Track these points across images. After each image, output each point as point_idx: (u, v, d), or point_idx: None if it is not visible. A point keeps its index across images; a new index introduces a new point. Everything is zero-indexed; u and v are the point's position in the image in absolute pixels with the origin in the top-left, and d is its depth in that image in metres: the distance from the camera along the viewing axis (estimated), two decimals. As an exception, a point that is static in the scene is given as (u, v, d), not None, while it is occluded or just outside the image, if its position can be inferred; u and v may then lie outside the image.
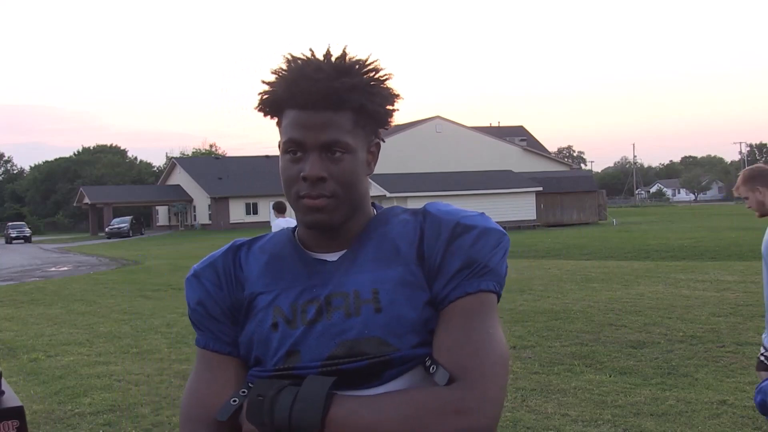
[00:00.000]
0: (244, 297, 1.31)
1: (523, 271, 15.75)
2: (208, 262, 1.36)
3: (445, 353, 1.20)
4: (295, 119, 1.25)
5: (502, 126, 75.94)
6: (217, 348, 1.32)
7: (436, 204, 1.35)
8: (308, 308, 1.26)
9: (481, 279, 1.25)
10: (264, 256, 1.34)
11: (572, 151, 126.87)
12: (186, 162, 66.79)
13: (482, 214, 1.33)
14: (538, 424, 5.13)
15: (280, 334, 1.25)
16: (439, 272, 1.25)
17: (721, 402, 5.42)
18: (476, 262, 1.25)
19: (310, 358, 1.23)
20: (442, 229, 1.28)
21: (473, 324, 1.22)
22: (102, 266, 25.62)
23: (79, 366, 7.85)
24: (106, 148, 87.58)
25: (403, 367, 1.22)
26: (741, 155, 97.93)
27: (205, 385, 1.30)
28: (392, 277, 1.26)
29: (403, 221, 1.33)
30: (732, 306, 9.57)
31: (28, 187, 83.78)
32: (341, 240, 1.32)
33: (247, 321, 1.30)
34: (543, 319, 9.28)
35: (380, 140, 1.36)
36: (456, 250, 1.26)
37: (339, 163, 1.25)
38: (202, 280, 1.34)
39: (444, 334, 1.22)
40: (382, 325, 1.22)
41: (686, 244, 20.93)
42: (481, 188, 40.35)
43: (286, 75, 1.27)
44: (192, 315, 1.36)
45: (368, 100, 1.26)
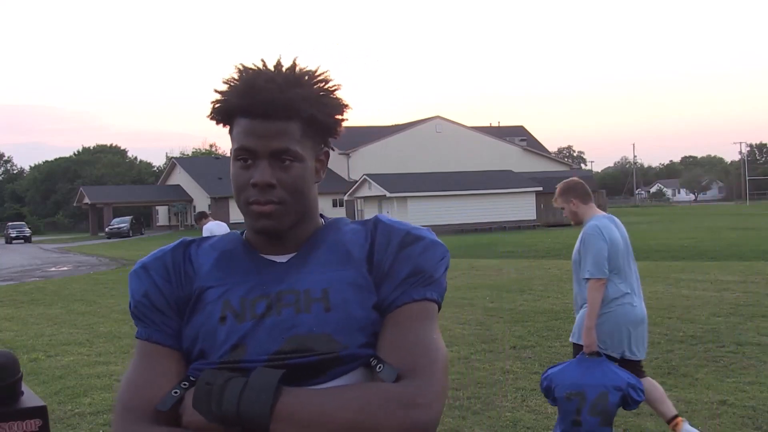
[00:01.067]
0: (192, 290, 1.32)
1: (523, 271, 15.76)
2: (157, 256, 1.38)
3: (393, 352, 1.24)
4: (246, 128, 1.29)
5: (502, 126, 75.92)
6: (160, 340, 1.32)
7: (385, 216, 1.41)
8: (258, 303, 1.28)
9: (426, 288, 1.31)
10: (215, 252, 1.36)
11: (572, 151, 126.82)
12: (186, 162, 66.78)
13: (429, 229, 1.39)
14: (538, 424, 5.13)
15: (228, 328, 1.26)
16: (387, 278, 1.31)
17: (721, 402, 5.42)
18: (423, 271, 1.32)
19: (257, 351, 1.24)
20: (392, 237, 1.34)
21: (420, 327, 1.27)
22: (102, 266, 25.63)
23: (79, 366, 7.85)
24: (106, 148, 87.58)
25: (349, 365, 1.25)
26: (741, 155, 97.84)
27: (146, 377, 1.29)
28: (343, 278, 1.30)
29: (353, 230, 1.38)
30: (732, 306, 9.57)
31: (28, 187, 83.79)
32: (290, 244, 1.35)
33: (194, 314, 1.31)
34: (543, 319, 9.28)
35: (329, 149, 1.40)
36: (405, 258, 1.32)
37: (288, 171, 1.29)
38: (150, 272, 1.35)
39: (392, 335, 1.26)
40: (332, 323, 1.25)
41: (686, 244, 20.93)
42: (481, 188, 40.34)
43: (238, 85, 1.30)
44: (136, 307, 1.35)
45: (318, 111, 1.30)
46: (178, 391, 1.25)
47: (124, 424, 1.26)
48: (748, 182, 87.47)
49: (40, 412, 1.21)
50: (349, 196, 44.98)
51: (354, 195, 44.18)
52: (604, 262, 4.27)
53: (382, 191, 39.45)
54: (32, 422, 1.20)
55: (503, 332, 8.54)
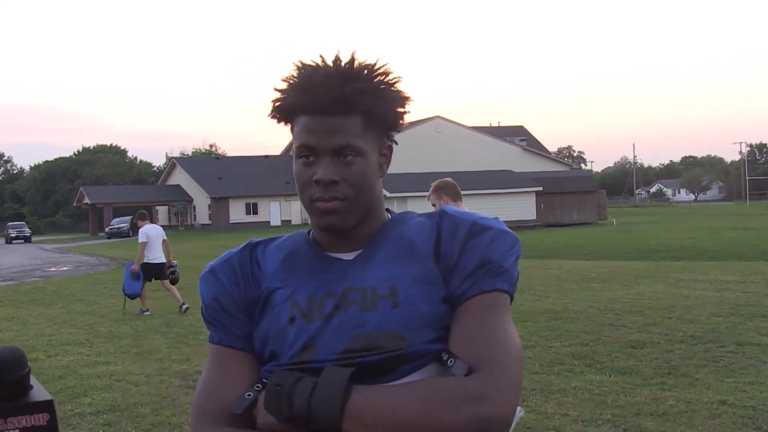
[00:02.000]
0: (260, 292, 1.33)
1: (523, 271, 15.71)
2: (224, 259, 1.38)
3: (463, 346, 1.22)
4: (306, 125, 1.28)
5: (502, 126, 75.96)
6: (231, 343, 1.33)
7: (451, 208, 1.39)
8: (325, 302, 1.28)
9: (496, 278, 1.28)
10: (281, 253, 1.36)
11: (572, 151, 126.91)
12: (186, 162, 66.80)
13: (497, 219, 1.36)
14: (538, 424, 5.13)
15: (297, 328, 1.27)
16: (455, 270, 1.28)
17: (721, 402, 5.42)
18: (492, 261, 1.29)
19: (327, 351, 1.24)
20: (458, 229, 1.31)
21: (490, 319, 1.25)
22: (102, 266, 25.63)
23: (79, 366, 7.85)
24: (106, 148, 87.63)
25: (418, 361, 1.23)
26: (741, 155, 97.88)
27: (220, 380, 1.30)
28: (409, 273, 1.28)
29: (419, 223, 1.36)
30: (732, 306, 9.57)
31: (28, 187, 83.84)
32: (356, 241, 1.34)
33: (263, 316, 1.31)
34: (543, 319, 9.28)
35: (392, 143, 1.39)
36: (472, 249, 1.29)
37: (350, 167, 1.28)
38: (218, 276, 1.36)
39: (462, 329, 1.24)
40: (399, 320, 1.24)
41: (686, 244, 20.93)
42: (481, 188, 40.34)
43: (297, 82, 1.30)
44: (206, 311, 1.37)
45: (377, 104, 1.29)
46: (252, 394, 1.25)
47: (199, 426, 1.27)
48: (748, 182, 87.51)
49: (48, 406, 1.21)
50: (349, 196, 44.98)
51: (354, 195, 44.19)
52: None
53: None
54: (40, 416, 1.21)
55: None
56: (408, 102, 1.34)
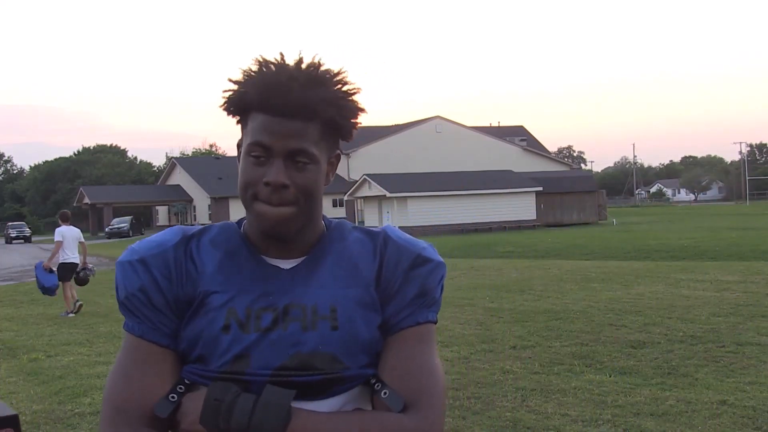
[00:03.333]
0: (196, 293, 1.27)
1: (523, 271, 15.76)
2: (158, 251, 1.30)
3: (397, 379, 1.26)
4: (264, 124, 1.25)
5: (502, 126, 75.92)
6: (155, 339, 1.27)
7: (394, 230, 1.39)
8: (263, 315, 1.25)
9: (429, 310, 1.33)
10: (217, 252, 1.31)
11: (572, 151, 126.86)
12: (186, 162, 66.78)
13: (432, 246, 1.40)
14: (538, 424, 5.13)
15: (232, 337, 1.24)
16: (394, 298, 1.31)
17: (721, 402, 5.42)
18: (427, 293, 1.33)
19: (260, 365, 1.23)
20: (402, 258, 1.33)
21: (423, 352, 1.30)
22: (102, 266, 25.63)
23: (79, 366, 7.85)
24: (106, 148, 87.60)
25: (349, 384, 1.26)
26: (741, 155, 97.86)
27: (139, 377, 1.25)
28: (351, 296, 1.29)
29: (359, 240, 1.36)
30: (732, 306, 9.57)
31: (28, 187, 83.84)
32: (295, 248, 1.32)
33: (195, 317, 1.26)
34: (543, 319, 9.28)
35: (340, 152, 1.37)
36: (413, 279, 1.32)
37: (302, 172, 1.26)
38: (149, 267, 1.28)
39: (395, 360, 1.28)
40: (337, 343, 1.25)
41: (686, 244, 20.93)
42: (481, 188, 40.34)
43: (258, 78, 1.26)
44: (129, 300, 1.28)
45: (337, 114, 1.27)
46: (176, 396, 1.23)
47: (116, 426, 1.23)
48: (748, 182, 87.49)
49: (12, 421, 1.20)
50: (349, 196, 44.98)
51: (354, 195, 44.18)
52: None
53: (382, 191, 39.44)
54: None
55: (503, 332, 8.54)
56: (362, 114, 1.32)
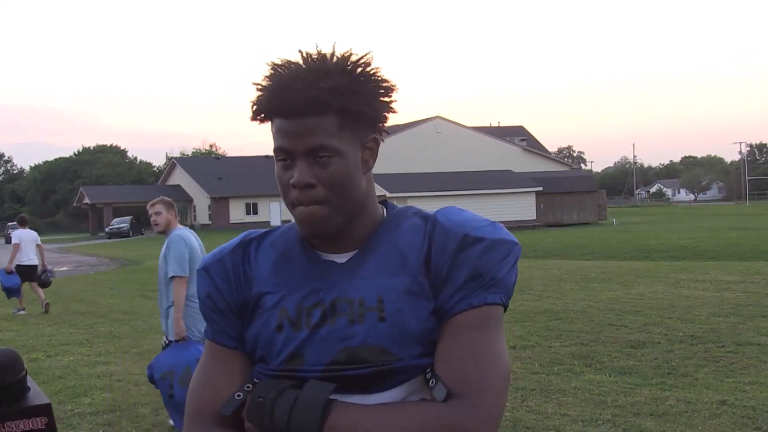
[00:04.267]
0: (251, 295, 1.31)
1: (523, 271, 15.74)
2: (217, 257, 1.36)
3: (445, 368, 1.20)
4: (280, 128, 1.26)
5: (502, 126, 75.91)
6: (223, 342, 1.33)
7: (447, 212, 1.32)
8: (313, 312, 1.26)
9: (487, 292, 1.24)
10: (273, 253, 1.34)
11: (572, 151, 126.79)
12: (186, 162, 66.78)
13: (493, 224, 1.31)
14: (538, 424, 5.13)
15: (285, 336, 1.26)
16: (445, 283, 1.25)
17: (721, 402, 5.42)
18: (483, 274, 1.24)
19: (313, 362, 1.24)
20: (449, 240, 1.26)
21: (476, 339, 1.22)
22: (102, 266, 25.64)
23: (79, 366, 7.85)
24: (106, 148, 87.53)
25: (404, 375, 1.23)
26: (741, 155, 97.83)
27: (210, 379, 1.32)
28: (398, 286, 1.25)
29: (412, 227, 1.31)
30: (732, 306, 9.56)
31: (28, 187, 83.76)
32: (349, 242, 1.31)
33: (253, 319, 1.31)
34: (543, 319, 9.28)
35: (376, 136, 1.33)
36: (463, 261, 1.25)
37: (327, 167, 1.25)
38: (211, 274, 1.35)
39: (446, 348, 1.22)
40: (386, 334, 1.23)
41: (686, 244, 20.92)
42: (481, 188, 40.34)
43: (270, 84, 1.28)
44: (202, 306, 1.37)
45: (351, 100, 1.24)
46: (241, 395, 1.26)
47: (191, 426, 1.29)
48: (748, 182, 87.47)
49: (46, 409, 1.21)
50: (349, 196, 44.95)
51: (354, 195, 44.15)
52: (186, 263, 5.21)
53: (382, 191, 39.41)
54: (38, 420, 1.21)
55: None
56: (392, 91, 1.30)
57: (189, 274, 5.20)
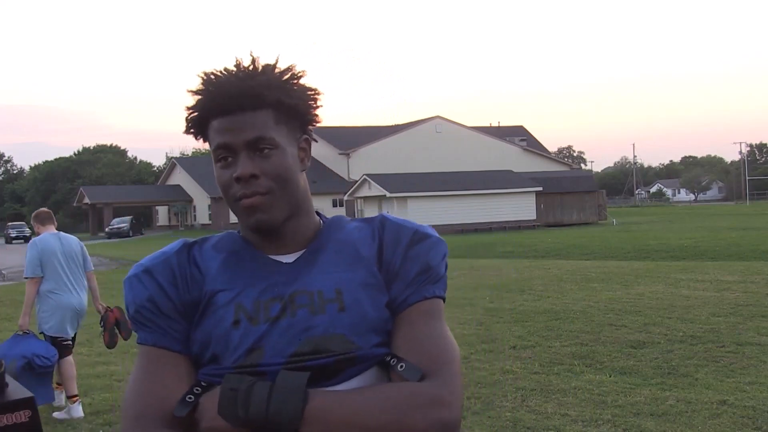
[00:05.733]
0: (202, 294, 1.29)
1: (523, 271, 15.75)
2: (161, 259, 1.33)
3: (412, 351, 1.25)
4: (218, 126, 1.28)
5: (502, 126, 75.85)
6: (167, 345, 1.29)
7: (389, 214, 1.40)
8: (271, 305, 1.26)
9: (435, 285, 1.33)
10: (219, 254, 1.33)
11: (572, 151, 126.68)
12: (186, 162, 66.77)
13: (430, 227, 1.40)
14: (538, 424, 5.13)
15: (242, 331, 1.25)
16: (397, 276, 1.32)
17: (721, 402, 5.42)
18: (431, 269, 1.33)
19: (274, 354, 1.23)
20: (401, 236, 1.34)
21: (434, 325, 1.30)
22: (102, 266, 25.63)
23: (79, 366, 7.83)
24: (106, 148, 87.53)
25: (362, 365, 1.25)
26: (741, 155, 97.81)
27: (157, 383, 1.26)
28: (354, 278, 1.30)
29: (357, 228, 1.37)
30: (732, 306, 9.56)
31: (28, 187, 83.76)
32: (291, 242, 1.34)
33: (204, 318, 1.28)
34: (543, 319, 9.28)
35: (309, 136, 1.37)
36: (414, 256, 1.33)
37: (268, 159, 1.27)
38: (155, 276, 1.31)
39: (408, 334, 1.28)
40: (347, 324, 1.25)
41: (686, 244, 20.92)
42: (481, 188, 40.33)
43: (201, 89, 1.30)
44: (138, 312, 1.30)
45: (285, 95, 1.29)
46: (193, 397, 1.24)
47: (134, 428, 1.24)
48: (748, 182, 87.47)
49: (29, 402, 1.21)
50: (349, 196, 44.97)
51: (354, 195, 44.17)
52: (36, 266, 5.95)
53: (382, 191, 39.43)
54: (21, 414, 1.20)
55: (503, 332, 8.54)
56: (318, 95, 1.34)
57: (43, 274, 5.99)
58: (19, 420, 1.20)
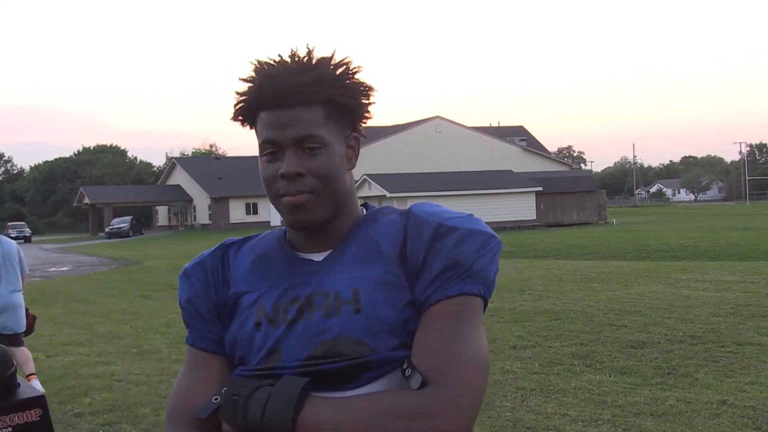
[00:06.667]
0: (229, 296, 1.31)
1: (523, 271, 15.74)
2: (197, 261, 1.37)
3: (421, 357, 1.18)
4: (267, 120, 1.25)
5: (502, 126, 75.87)
6: (203, 346, 1.32)
7: (421, 205, 1.32)
8: (290, 308, 1.26)
9: (463, 282, 1.22)
10: (252, 255, 1.34)
11: (572, 151, 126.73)
12: (186, 162, 66.77)
13: (470, 216, 1.29)
14: (538, 424, 5.13)
15: (263, 334, 1.25)
16: (420, 273, 1.23)
17: (721, 402, 5.42)
18: (459, 264, 1.22)
19: (289, 357, 1.22)
20: (423, 230, 1.25)
21: (451, 328, 1.19)
22: (102, 266, 25.62)
23: (79, 366, 7.85)
24: (106, 148, 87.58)
25: (381, 369, 1.20)
26: (741, 155, 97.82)
27: (190, 383, 1.31)
28: (372, 276, 1.24)
29: (389, 221, 1.31)
30: (732, 306, 9.56)
31: (28, 187, 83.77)
32: (329, 239, 1.30)
33: (232, 320, 1.30)
34: (543, 319, 9.27)
35: (358, 134, 1.33)
36: (438, 251, 1.23)
37: (315, 158, 1.24)
38: (191, 278, 1.35)
39: (422, 338, 1.20)
40: (361, 326, 1.21)
41: (686, 244, 20.91)
42: (481, 188, 40.33)
43: (254, 79, 1.27)
44: (183, 313, 1.37)
45: (337, 92, 1.25)
46: (218, 398, 1.23)
47: (167, 428, 1.30)
48: (748, 182, 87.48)
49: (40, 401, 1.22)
50: (349, 196, 44.92)
51: (354, 195, 44.13)
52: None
53: (382, 191, 39.43)
54: (32, 412, 1.21)
55: (503, 332, 8.54)
56: (371, 92, 1.30)
57: None
58: (31, 419, 1.21)
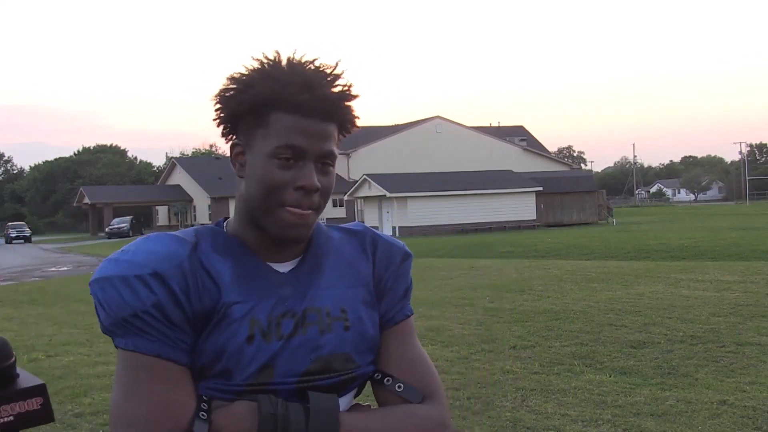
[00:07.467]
0: (218, 305, 1.20)
1: (523, 271, 15.74)
2: (174, 263, 1.19)
3: (406, 372, 1.31)
4: (298, 126, 1.19)
5: (502, 126, 75.89)
6: (175, 357, 1.17)
7: (363, 225, 1.42)
8: (283, 321, 1.22)
9: (409, 302, 1.40)
10: (225, 260, 1.23)
11: (572, 151, 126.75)
12: (186, 162, 66.77)
13: None
14: (538, 424, 5.13)
15: (255, 348, 1.19)
16: (387, 294, 1.35)
17: (721, 402, 5.42)
18: (410, 286, 1.40)
19: (285, 373, 1.21)
20: (394, 254, 1.38)
21: (415, 344, 1.36)
22: (102, 266, 25.59)
23: (79, 366, 7.84)
24: (106, 148, 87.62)
25: (356, 383, 1.30)
26: (741, 155, 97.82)
27: (170, 396, 1.16)
28: (356, 295, 1.31)
29: (344, 239, 1.36)
30: (732, 306, 9.56)
31: (28, 187, 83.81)
32: (290, 250, 1.28)
33: (217, 330, 1.19)
34: (543, 319, 9.27)
35: None
36: (403, 274, 1.38)
37: (327, 176, 1.24)
38: (167, 281, 1.17)
39: (398, 355, 1.33)
40: (350, 343, 1.27)
41: (686, 244, 20.90)
42: (481, 188, 40.32)
43: (276, 77, 1.20)
44: (140, 318, 1.16)
45: (349, 113, 1.25)
46: (205, 414, 1.16)
47: None
48: (748, 182, 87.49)
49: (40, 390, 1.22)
50: (349, 196, 44.96)
51: (354, 195, 44.15)
52: None
53: (382, 191, 39.42)
54: (33, 401, 1.21)
55: (503, 332, 8.54)
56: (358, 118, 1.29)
57: None
58: (32, 407, 1.21)
